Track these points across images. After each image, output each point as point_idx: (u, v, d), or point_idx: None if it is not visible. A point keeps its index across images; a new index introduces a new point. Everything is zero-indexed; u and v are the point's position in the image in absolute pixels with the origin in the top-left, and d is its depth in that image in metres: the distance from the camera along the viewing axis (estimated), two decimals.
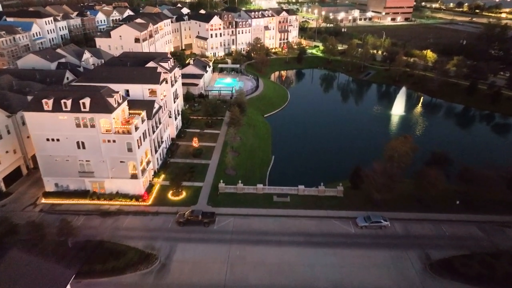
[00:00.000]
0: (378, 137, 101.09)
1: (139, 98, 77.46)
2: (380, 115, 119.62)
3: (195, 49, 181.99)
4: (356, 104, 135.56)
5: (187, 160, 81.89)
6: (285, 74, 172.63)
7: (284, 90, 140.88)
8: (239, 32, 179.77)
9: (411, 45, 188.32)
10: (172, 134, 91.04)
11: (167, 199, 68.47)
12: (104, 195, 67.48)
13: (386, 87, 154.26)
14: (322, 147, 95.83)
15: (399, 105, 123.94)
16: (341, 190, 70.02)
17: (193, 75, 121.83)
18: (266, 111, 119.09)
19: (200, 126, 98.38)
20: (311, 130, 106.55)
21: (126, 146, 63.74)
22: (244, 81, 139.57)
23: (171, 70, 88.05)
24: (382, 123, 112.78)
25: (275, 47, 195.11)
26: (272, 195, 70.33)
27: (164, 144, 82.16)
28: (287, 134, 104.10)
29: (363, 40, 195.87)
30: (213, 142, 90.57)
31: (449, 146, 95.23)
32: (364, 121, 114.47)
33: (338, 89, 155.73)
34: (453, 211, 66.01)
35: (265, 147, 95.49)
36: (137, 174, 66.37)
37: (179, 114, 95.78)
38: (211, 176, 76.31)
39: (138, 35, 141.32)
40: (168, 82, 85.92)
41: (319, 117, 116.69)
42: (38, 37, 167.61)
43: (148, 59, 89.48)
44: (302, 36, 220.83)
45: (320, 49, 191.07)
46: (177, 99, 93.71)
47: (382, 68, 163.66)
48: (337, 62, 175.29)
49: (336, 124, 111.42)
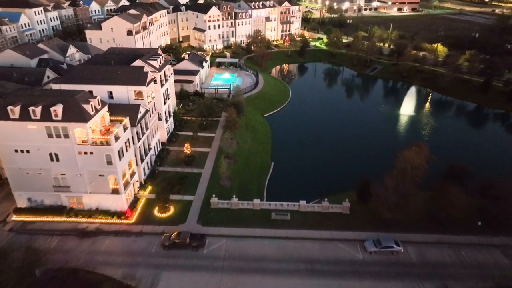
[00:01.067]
0: (386, 141, 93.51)
1: (123, 101, 69.89)
2: (388, 115, 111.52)
3: (193, 42, 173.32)
4: (362, 102, 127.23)
5: (178, 168, 74.54)
6: (287, 69, 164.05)
7: (285, 87, 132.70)
8: (239, 23, 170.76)
9: (420, 37, 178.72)
10: (163, 138, 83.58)
11: (153, 216, 61.32)
12: (82, 212, 60.43)
13: (394, 83, 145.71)
14: (326, 152, 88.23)
15: (408, 104, 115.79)
16: (347, 207, 62.66)
17: (188, 71, 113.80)
18: (266, 110, 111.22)
19: (194, 128, 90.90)
20: (314, 132, 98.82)
21: (105, 159, 56.40)
22: (243, 77, 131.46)
23: (161, 68, 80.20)
24: (390, 124, 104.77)
25: (276, 40, 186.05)
26: (270, 211, 63.08)
27: (153, 151, 74.80)
28: (288, 136, 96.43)
29: (369, 32, 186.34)
30: (207, 147, 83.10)
31: (463, 152, 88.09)
32: (371, 121, 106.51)
33: (342, 85, 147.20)
34: (474, 233, 58.66)
35: (264, 152, 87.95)
36: (119, 189, 59.15)
37: (170, 116, 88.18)
38: (203, 188, 69.04)
39: (131, 27, 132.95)
40: (158, 82, 78.18)
41: (322, 117, 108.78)
42: (27, 29, 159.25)
43: (136, 55, 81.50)
44: (305, 27, 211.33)
45: (324, 42, 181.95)
46: (169, 100, 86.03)
47: (389, 63, 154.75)
48: (341, 55, 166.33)
49: (340, 125, 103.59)
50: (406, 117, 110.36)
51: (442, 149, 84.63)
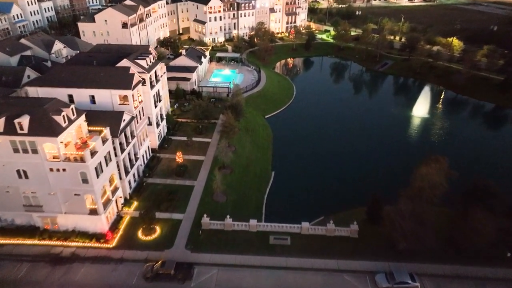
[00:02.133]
0: (398, 148, 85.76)
1: (107, 106, 62.76)
2: (399, 116, 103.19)
3: (193, 34, 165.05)
4: (371, 102, 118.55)
5: (168, 180, 67.59)
6: (292, 63, 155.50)
7: (289, 84, 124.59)
8: (241, 15, 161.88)
9: (433, 30, 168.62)
10: (154, 144, 76.60)
11: (137, 238, 54.56)
12: (57, 233, 53.83)
13: (405, 80, 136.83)
14: (332, 160, 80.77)
15: (421, 104, 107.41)
16: (356, 230, 55.38)
17: (185, 68, 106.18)
18: (268, 111, 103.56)
19: (188, 132, 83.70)
20: (319, 135, 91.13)
21: (80, 177, 49.53)
22: (245, 73, 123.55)
23: (151, 68, 72.75)
24: (402, 129, 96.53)
25: (281, 32, 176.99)
26: (268, 234, 56.03)
27: (140, 160, 67.84)
28: (291, 140, 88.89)
29: (379, 25, 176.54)
30: (202, 154, 75.98)
31: (483, 162, 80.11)
32: (381, 124, 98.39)
33: (350, 82, 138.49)
34: (502, 265, 51.22)
35: (264, 159, 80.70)
36: (97, 209, 52.40)
37: (163, 119, 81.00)
38: (195, 204, 62.09)
39: (126, 20, 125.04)
40: (147, 84, 70.84)
41: (328, 119, 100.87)
42: (19, 20, 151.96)
43: (124, 53, 74.05)
44: (312, 19, 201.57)
45: (331, 34, 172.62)
46: (160, 102, 78.74)
47: (400, 58, 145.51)
48: (349, 49, 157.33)
49: (348, 128, 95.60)
50: (419, 119, 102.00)
51: (459, 159, 76.77)
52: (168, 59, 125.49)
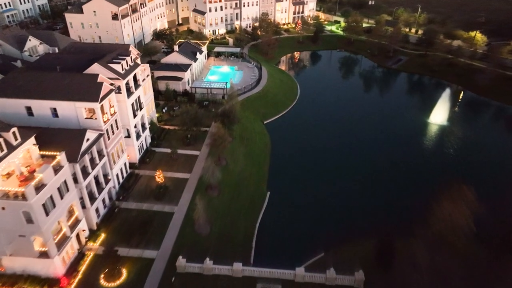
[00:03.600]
0: (413, 165, 75.01)
1: (71, 120, 53.45)
2: (414, 123, 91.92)
3: (193, 25, 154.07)
4: (382, 105, 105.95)
5: (145, 204, 58.52)
6: (297, 58, 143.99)
7: (293, 83, 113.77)
8: (244, 4, 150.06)
9: (453, 22, 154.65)
10: (133, 158, 67.50)
11: (99, 284, 45.84)
12: (3, 277, 45.31)
13: (421, 78, 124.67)
14: (335, 177, 70.77)
15: (439, 109, 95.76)
16: (361, 280, 45.79)
17: (177, 66, 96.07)
18: (267, 115, 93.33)
19: (175, 142, 74.35)
20: (322, 146, 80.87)
21: (23, 216, 40.63)
22: (245, 70, 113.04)
23: (128, 72, 62.98)
24: (417, 139, 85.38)
25: (287, 23, 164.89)
26: (256, 280, 46.82)
27: (113, 182, 58.76)
28: (291, 153, 78.89)
29: (393, 15, 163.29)
30: (187, 171, 66.58)
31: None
32: (393, 132, 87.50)
33: (359, 81, 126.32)
34: None
35: (258, 176, 71.02)
36: (48, 251, 43.61)
37: (145, 129, 71.63)
38: (173, 236, 53.03)
39: (116, 10, 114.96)
40: (123, 91, 61.26)
41: (334, 126, 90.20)
42: (7, 9, 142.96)
43: (99, 54, 64.25)
44: (321, 8, 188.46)
45: (341, 26, 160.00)
46: (142, 110, 69.21)
47: (416, 54, 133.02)
48: (360, 43, 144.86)
49: (355, 138, 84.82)
50: (436, 127, 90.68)
51: (486, 182, 66.30)
52: (164, 53, 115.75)
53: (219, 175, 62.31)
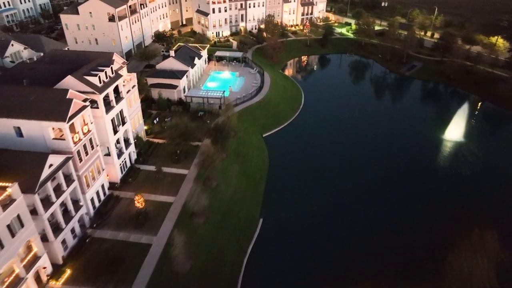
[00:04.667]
0: (427, 189, 67.61)
1: (37, 140, 47.77)
2: (428, 139, 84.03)
3: (196, 27, 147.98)
4: (393, 117, 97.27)
5: (121, 234, 52.45)
6: (305, 62, 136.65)
7: (297, 90, 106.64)
8: (250, 5, 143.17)
9: (472, 25, 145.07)
10: (114, 177, 61.60)
11: None
12: None
13: (436, 86, 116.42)
14: (339, 203, 63.81)
15: (456, 123, 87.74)
16: None
17: (172, 73, 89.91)
18: (267, 127, 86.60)
19: (163, 158, 68.28)
20: (326, 164, 73.93)
21: None
22: (246, 76, 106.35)
23: (108, 85, 56.94)
24: (432, 159, 77.57)
25: (295, 25, 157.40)
26: None
27: (86, 207, 52.92)
28: (290, 172, 72.14)
29: (407, 18, 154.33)
30: (173, 194, 60.28)
31: None
32: (406, 151, 79.83)
33: (370, 88, 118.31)
34: None
35: (252, 199, 64.45)
36: None
37: (130, 144, 65.63)
38: (147, 275, 46.79)
39: (112, 11, 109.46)
40: (100, 107, 55.34)
41: (340, 139, 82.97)
42: (6, 9, 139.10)
43: (80, 63, 58.50)
44: (332, 8, 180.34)
45: (352, 29, 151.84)
46: (125, 124, 63.26)
47: (431, 60, 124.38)
48: (372, 47, 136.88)
49: (364, 155, 77.60)
50: (452, 144, 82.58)
51: (508, 218, 58.55)
52: (164, 56, 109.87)
53: (205, 201, 56.10)
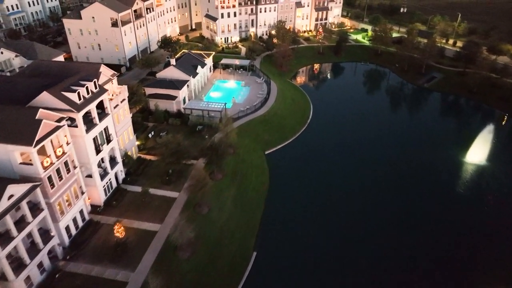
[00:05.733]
0: (446, 221, 60.23)
1: (3, 165, 43.12)
2: (447, 160, 76.29)
3: (205, 31, 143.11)
4: (411, 132, 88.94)
5: (96, 268, 47.27)
6: (316, 71, 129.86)
7: (306, 102, 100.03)
8: (261, 10, 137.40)
9: (498, 33, 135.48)
10: (97, 200, 56.67)
11: None
12: None
13: (457, 100, 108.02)
14: (347, 236, 57.18)
15: (480, 143, 79.72)
16: None
17: (171, 83, 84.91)
18: (270, 144, 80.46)
19: (153, 179, 63.08)
20: (332, 187, 67.29)
21: None
22: (252, 86, 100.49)
23: (89, 101, 51.93)
24: (450, 184, 70.15)
25: (308, 30, 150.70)
26: None
27: (58, 238, 47.89)
28: (292, 195, 65.86)
29: (428, 24, 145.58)
30: (158, 221, 54.83)
31: None
32: (423, 172, 72.37)
33: (385, 100, 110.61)
34: None
35: (247, 227, 58.38)
36: None
37: (116, 164, 60.58)
38: None
39: (115, 16, 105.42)
40: (79, 125, 50.40)
41: (349, 158, 76.08)
42: (14, 12, 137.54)
43: (63, 76, 53.91)
44: (348, 13, 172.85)
45: (368, 35, 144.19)
46: (112, 142, 58.26)
47: (453, 71, 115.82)
48: (388, 55, 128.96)
49: (376, 177, 70.55)
50: (474, 168, 74.53)
51: None
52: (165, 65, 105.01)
53: (193, 231, 50.39)
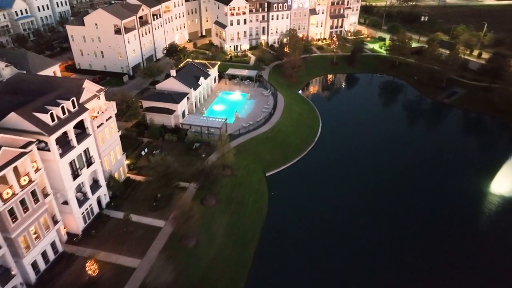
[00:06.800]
0: (470, 261, 52.74)
1: None
2: (469, 188, 68.47)
3: (214, 39, 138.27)
4: (428, 154, 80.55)
5: None
6: (328, 82, 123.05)
7: (315, 117, 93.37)
8: (273, 17, 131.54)
9: None
10: (75, 229, 51.84)
11: None
12: None
13: (480, 118, 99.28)
14: (353, 278, 50.49)
15: (506, 173, 71.69)
16: None
17: (169, 96, 79.95)
18: (273, 164, 74.20)
19: (140, 204, 57.92)
20: (339, 216, 60.65)
21: None
22: (258, 99, 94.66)
23: (65, 122, 47.11)
24: (473, 219, 62.54)
25: (323, 39, 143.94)
26: None
27: (20, 277, 43.00)
28: (292, 225, 59.51)
29: (450, 34, 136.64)
30: (139, 255, 49.32)
31: None
32: (442, 202, 64.89)
33: (401, 117, 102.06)
34: None
35: (237, 266, 52.20)
36: None
37: (99, 188, 55.65)
38: None
39: (118, 24, 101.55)
40: (52, 149, 45.60)
41: (360, 182, 69.20)
42: (23, 16, 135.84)
43: (43, 92, 49.51)
44: (366, 21, 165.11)
45: (386, 45, 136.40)
46: (93, 164, 53.36)
47: (477, 86, 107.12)
48: (406, 67, 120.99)
49: (390, 207, 63.61)
50: (500, 200, 66.44)
51: None
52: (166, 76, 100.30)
53: (175, 270, 44.81)
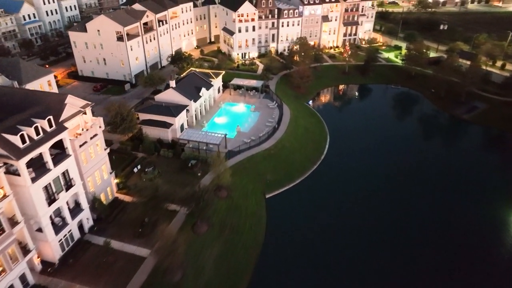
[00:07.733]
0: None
1: None
2: (491, 216, 61.92)
3: (222, 46, 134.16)
4: (445, 175, 74.13)
5: None
6: (338, 94, 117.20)
7: (322, 131, 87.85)
8: (283, 24, 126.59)
9: None
10: (51, 257, 47.87)
11: None
12: None
13: (502, 135, 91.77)
14: None
15: None
16: None
17: (167, 109, 75.79)
18: (274, 185, 68.99)
19: (126, 228, 53.66)
20: (346, 248, 55.07)
21: None
22: (263, 111, 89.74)
23: (39, 143, 43.16)
24: (500, 246, 56.15)
25: (335, 47, 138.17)
26: None
27: None
28: (293, 256, 54.19)
29: (471, 44, 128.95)
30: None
31: None
32: (460, 230, 58.66)
33: (415, 133, 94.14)
34: None
35: None
36: None
37: (82, 210, 51.67)
38: None
39: (121, 30, 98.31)
40: (23, 174, 41.63)
41: (369, 206, 63.40)
42: (31, 21, 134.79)
43: (21, 108, 45.93)
44: (381, 27, 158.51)
45: (402, 54, 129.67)
46: (73, 187, 49.35)
47: (500, 100, 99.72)
48: (423, 78, 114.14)
49: (402, 237, 57.76)
50: None
51: None
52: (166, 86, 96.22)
53: None
